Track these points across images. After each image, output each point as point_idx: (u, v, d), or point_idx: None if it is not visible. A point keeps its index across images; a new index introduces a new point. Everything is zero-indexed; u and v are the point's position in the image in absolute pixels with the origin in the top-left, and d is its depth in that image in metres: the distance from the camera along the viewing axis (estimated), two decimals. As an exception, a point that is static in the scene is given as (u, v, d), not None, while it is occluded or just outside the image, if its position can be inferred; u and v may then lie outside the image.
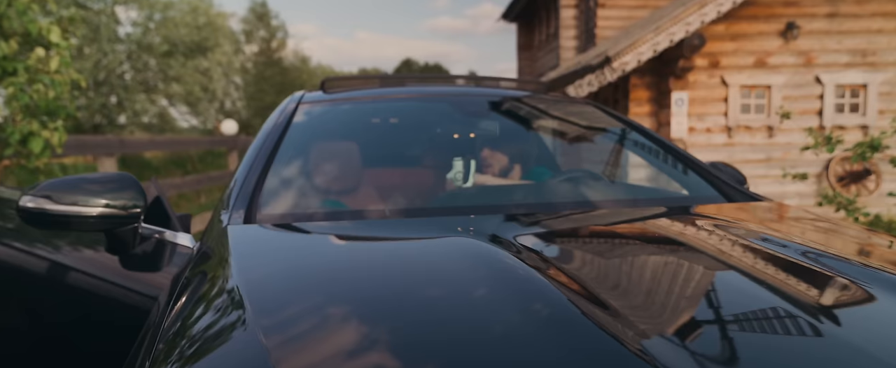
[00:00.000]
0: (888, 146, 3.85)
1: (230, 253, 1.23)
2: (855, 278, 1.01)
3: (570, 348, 0.73)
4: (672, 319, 0.87)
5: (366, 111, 2.22)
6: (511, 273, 0.98)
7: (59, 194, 1.35)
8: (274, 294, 0.98)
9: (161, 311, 1.19)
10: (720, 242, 1.26)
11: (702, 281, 1.06)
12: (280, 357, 0.72)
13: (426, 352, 0.76)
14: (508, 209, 1.59)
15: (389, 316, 0.87)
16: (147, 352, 0.94)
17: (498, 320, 0.83)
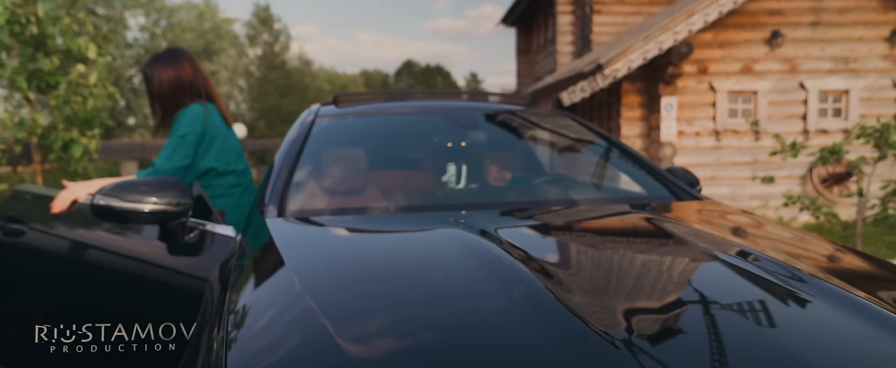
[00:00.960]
0: (848, 151, 4.20)
1: (269, 242, 1.58)
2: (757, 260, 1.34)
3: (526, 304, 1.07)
4: (614, 294, 1.19)
5: (372, 123, 2.59)
6: (488, 254, 1.32)
7: (124, 194, 1.71)
8: (315, 271, 1.34)
9: (218, 290, 1.55)
10: (666, 234, 1.59)
11: (648, 265, 1.40)
12: (332, 317, 1.06)
13: (431, 311, 1.11)
14: (490, 206, 1.95)
15: (400, 290, 1.23)
16: (215, 325, 1.26)
17: (476, 288, 1.17)
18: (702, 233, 1.56)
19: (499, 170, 2.30)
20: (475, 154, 2.40)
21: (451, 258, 1.35)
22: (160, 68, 2.42)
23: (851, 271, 1.42)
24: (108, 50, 9.12)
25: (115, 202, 1.70)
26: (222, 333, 1.13)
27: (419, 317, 1.10)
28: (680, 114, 8.43)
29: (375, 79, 66.85)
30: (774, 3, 8.44)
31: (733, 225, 1.80)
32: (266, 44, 23.71)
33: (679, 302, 1.17)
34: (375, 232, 1.73)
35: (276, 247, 1.52)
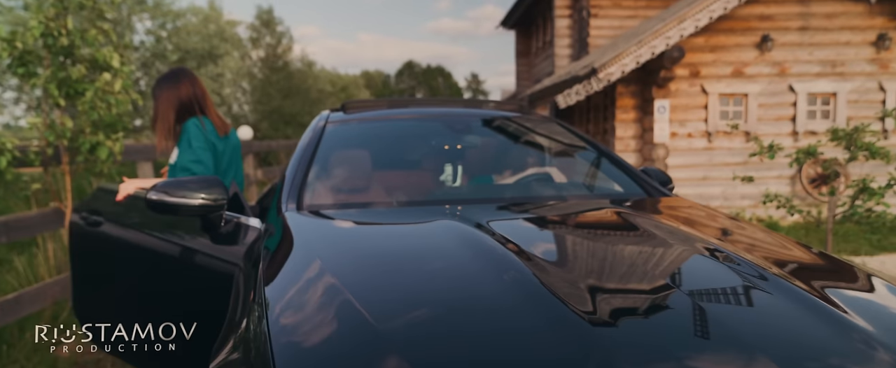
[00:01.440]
0: (822, 153, 4.47)
1: (289, 231, 1.86)
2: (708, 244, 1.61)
3: (505, 278, 1.33)
4: (586, 276, 1.45)
5: (377, 127, 2.87)
6: (477, 241, 1.59)
7: (172, 190, 1.99)
8: (333, 254, 1.61)
9: (249, 271, 1.82)
10: (635, 226, 1.86)
11: (618, 253, 1.67)
12: (349, 288, 1.32)
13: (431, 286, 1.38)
14: (482, 201, 2.23)
15: (404, 269, 1.50)
16: (249, 297, 1.53)
17: (468, 270, 1.43)
18: (665, 225, 1.83)
19: (490, 169, 2.57)
20: (469, 155, 2.68)
21: (446, 242, 1.62)
22: (165, 89, 2.83)
23: (777, 253, 1.69)
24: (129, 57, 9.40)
25: (166, 197, 1.98)
26: (259, 302, 1.41)
27: (422, 292, 1.37)
28: (673, 116, 8.69)
29: (376, 80, 67.06)
30: (764, 8, 8.71)
31: (693, 218, 2.07)
32: (269, 46, 23.95)
33: (639, 282, 1.44)
34: (381, 223, 2.00)
35: (297, 235, 1.80)
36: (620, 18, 12.46)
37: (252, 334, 1.28)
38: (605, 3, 12.45)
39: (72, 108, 3.84)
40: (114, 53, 3.83)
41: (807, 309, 1.23)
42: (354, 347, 1.09)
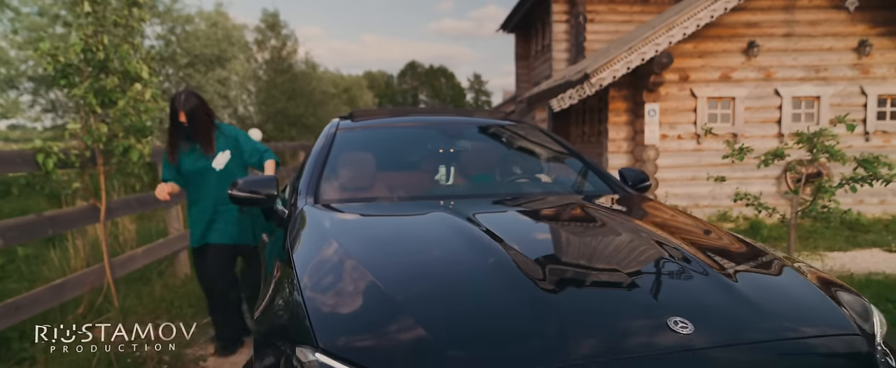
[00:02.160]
0: (790, 154, 4.86)
1: (309, 220, 2.27)
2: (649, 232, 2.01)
3: (487, 261, 1.73)
4: (547, 255, 1.87)
5: (381, 133, 3.29)
6: (465, 230, 1.98)
7: (248, 185, 2.47)
8: (346, 235, 2.03)
9: (280, 247, 2.24)
10: (596, 219, 2.25)
11: (577, 238, 2.08)
12: (361, 259, 1.74)
13: (429, 264, 1.79)
14: (470, 197, 2.64)
15: (404, 249, 1.91)
16: (287, 265, 1.95)
17: (459, 253, 1.83)
18: (619, 218, 2.25)
19: (478, 169, 2.99)
20: (461, 158, 3.09)
21: (439, 230, 2.03)
22: (203, 103, 3.63)
23: (702, 238, 2.10)
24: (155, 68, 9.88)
25: (243, 193, 2.54)
26: (291, 269, 1.82)
27: (418, 265, 1.79)
28: (663, 118, 9.09)
29: (379, 81, 67.37)
30: (750, 15, 9.10)
31: (644, 212, 2.48)
32: (274, 48, 24.38)
33: (588, 262, 1.86)
34: (385, 215, 2.42)
35: (317, 223, 2.22)
36: (616, 23, 12.86)
37: (287, 288, 1.71)
38: (602, 8, 12.86)
39: (102, 115, 4.26)
40: (143, 66, 4.25)
41: (711, 280, 1.63)
42: (365, 296, 1.52)
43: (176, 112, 3.51)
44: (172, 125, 3.58)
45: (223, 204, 3.58)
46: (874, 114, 9.22)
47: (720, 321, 1.43)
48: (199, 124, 3.55)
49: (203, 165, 3.60)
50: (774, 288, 1.66)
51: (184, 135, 3.59)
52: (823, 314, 1.54)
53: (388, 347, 1.34)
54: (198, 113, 3.54)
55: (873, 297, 4.41)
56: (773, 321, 1.46)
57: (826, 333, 1.46)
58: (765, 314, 1.48)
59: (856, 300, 1.66)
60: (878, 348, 1.47)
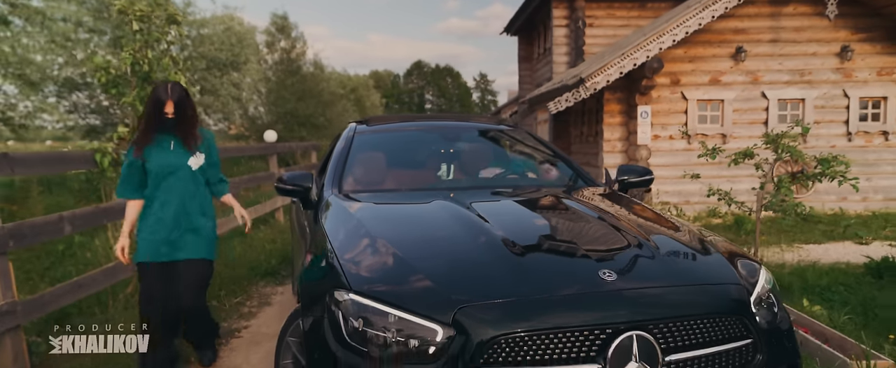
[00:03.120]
0: (757, 154, 5.39)
1: (335, 206, 2.84)
2: (601, 213, 2.57)
3: (474, 234, 2.28)
4: (523, 231, 2.42)
5: (392, 136, 3.86)
6: (462, 215, 2.53)
7: (291, 179, 3.01)
8: (366, 215, 2.60)
9: (314, 223, 2.81)
10: (568, 207, 2.80)
11: (547, 218, 2.64)
12: (378, 233, 2.30)
13: (432, 236, 2.36)
14: (466, 188, 3.20)
15: (416, 230, 2.47)
16: (321, 239, 2.51)
17: (456, 235, 2.37)
18: (584, 205, 2.80)
19: (474, 166, 3.55)
20: (459, 156, 3.65)
21: (441, 214, 2.59)
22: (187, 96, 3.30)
23: (639, 217, 2.64)
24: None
25: (288, 185, 3.05)
26: (324, 238, 2.38)
27: (424, 237, 2.35)
28: (655, 120, 9.61)
29: (386, 80, 67.88)
30: (738, 22, 9.61)
31: (605, 200, 3.02)
32: (283, 50, 24.94)
33: (551, 234, 2.42)
34: (397, 203, 2.98)
35: (342, 207, 2.79)
36: (614, 28, 13.38)
37: (323, 253, 2.28)
38: (600, 13, 13.38)
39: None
40: (181, 76, 4.83)
41: (638, 247, 2.19)
42: (381, 256, 2.10)
43: (161, 102, 3.14)
44: (153, 117, 3.18)
45: (196, 212, 3.29)
46: (856, 115, 9.71)
47: (636, 273, 1.99)
48: (188, 115, 3.24)
49: (176, 162, 3.24)
50: (686, 253, 2.22)
51: (162, 128, 3.20)
52: (717, 270, 2.09)
53: (399, 288, 1.90)
54: (186, 103, 3.23)
55: (831, 281, 4.95)
56: (678, 273, 2.02)
57: (715, 282, 2.02)
58: (673, 268, 2.04)
59: (749, 263, 2.21)
60: (753, 296, 2.03)
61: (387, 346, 1.80)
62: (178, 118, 3.20)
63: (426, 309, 1.81)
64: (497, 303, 1.80)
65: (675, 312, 1.87)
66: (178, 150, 3.26)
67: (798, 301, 4.24)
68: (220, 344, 3.93)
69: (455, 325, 1.76)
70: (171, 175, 3.24)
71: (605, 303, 1.84)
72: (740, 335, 1.93)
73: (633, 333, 1.76)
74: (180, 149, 3.26)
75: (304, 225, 3.25)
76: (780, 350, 2.06)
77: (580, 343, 1.75)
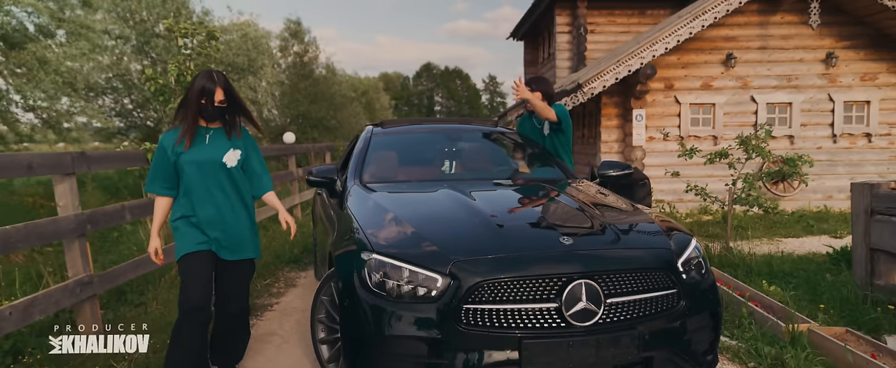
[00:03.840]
0: (731, 153, 5.99)
1: (357, 193, 3.49)
2: (574, 199, 3.21)
3: (468, 213, 2.93)
4: (510, 213, 3.07)
5: (404, 137, 4.51)
6: (462, 200, 3.17)
7: (319, 172, 3.67)
8: (384, 199, 3.25)
9: (339, 206, 3.46)
10: (547, 193, 3.44)
11: (530, 204, 3.28)
12: (396, 212, 2.96)
13: (435, 213, 3.01)
14: (466, 180, 3.84)
15: (424, 209, 3.12)
16: (348, 220, 3.17)
17: (454, 212, 3.02)
18: (563, 194, 3.43)
19: (473, 162, 4.20)
20: (461, 154, 4.30)
21: (444, 200, 3.23)
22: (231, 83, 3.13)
23: (604, 203, 3.28)
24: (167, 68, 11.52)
25: (318, 178, 3.68)
26: (350, 216, 3.04)
27: (430, 215, 2.99)
28: (650, 122, 10.21)
29: (395, 82, 68.59)
30: (728, 30, 10.19)
31: (576, 188, 3.65)
32: (296, 54, 25.68)
33: (530, 215, 3.07)
34: (408, 192, 3.63)
35: (364, 194, 3.44)
36: (614, 34, 13.97)
37: (351, 227, 2.93)
38: (601, 20, 13.99)
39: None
40: (218, 84, 5.51)
41: (594, 221, 2.83)
42: (396, 227, 2.75)
43: (209, 91, 2.93)
44: (199, 107, 2.96)
45: (237, 207, 3.10)
46: (841, 118, 10.27)
47: (588, 239, 2.64)
48: (238, 102, 3.09)
49: (214, 156, 3.03)
50: (630, 226, 2.86)
51: (206, 118, 3.01)
52: (652, 238, 2.73)
53: (409, 250, 2.55)
54: (232, 90, 3.06)
55: (794, 268, 5.53)
56: (621, 239, 2.67)
57: (649, 247, 2.66)
58: (618, 236, 2.68)
59: (682, 236, 2.84)
60: (682, 259, 2.66)
61: (401, 291, 2.45)
62: (229, 105, 3.01)
63: (430, 264, 2.45)
64: (480, 259, 2.45)
65: (615, 266, 2.50)
66: (216, 143, 3.04)
67: (758, 282, 4.85)
68: (256, 316, 4.58)
69: (451, 275, 2.41)
70: (210, 169, 3.01)
71: (561, 260, 2.48)
72: (666, 286, 2.57)
73: (582, 281, 2.40)
74: (218, 142, 3.05)
75: (331, 212, 3.90)
76: (703, 299, 2.69)
77: (542, 287, 2.39)
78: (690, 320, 2.63)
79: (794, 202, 10.17)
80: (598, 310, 2.41)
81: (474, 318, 2.38)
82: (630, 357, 2.46)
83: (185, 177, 3.02)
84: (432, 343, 2.38)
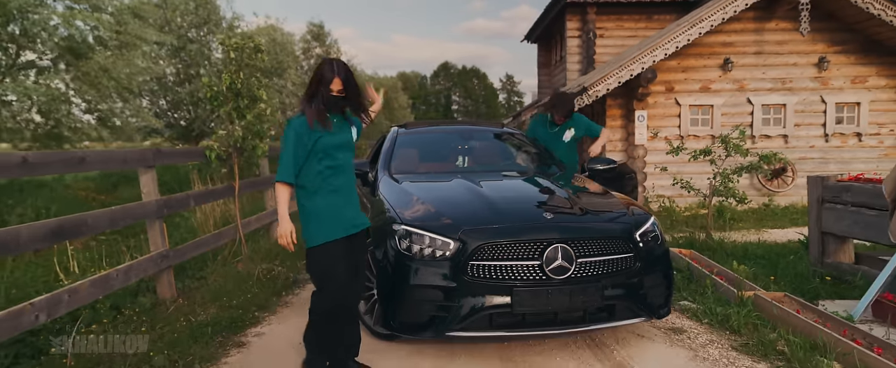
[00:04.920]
0: (712, 151, 6.74)
1: (386, 181, 4.33)
2: (559, 186, 4.03)
3: (475, 196, 3.76)
4: (509, 195, 3.89)
5: (425, 137, 5.35)
6: (472, 187, 4.00)
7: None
8: (411, 186, 4.09)
9: (371, 199, 4.31)
10: (540, 181, 4.26)
11: (527, 189, 4.12)
12: (421, 196, 3.80)
13: (449, 196, 3.85)
14: (476, 172, 4.67)
15: (441, 192, 3.97)
16: (381, 202, 4.01)
17: (464, 195, 3.85)
18: (552, 181, 4.25)
19: (482, 157, 5.03)
20: (472, 151, 5.13)
21: (458, 186, 4.07)
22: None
23: (582, 188, 4.08)
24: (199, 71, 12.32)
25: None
26: (381, 199, 3.88)
27: (447, 197, 3.83)
28: (651, 123, 10.94)
29: (413, 82, 69.41)
30: (726, 37, 10.88)
31: (561, 177, 4.46)
32: (318, 56, 26.63)
33: (525, 197, 3.90)
34: (428, 181, 4.46)
35: (392, 181, 4.28)
36: (622, 38, 14.69)
37: (383, 207, 3.77)
38: (610, 25, 14.70)
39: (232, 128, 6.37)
40: (263, 92, 6.39)
41: (570, 200, 3.66)
42: (420, 205, 3.59)
43: (328, 80, 3.03)
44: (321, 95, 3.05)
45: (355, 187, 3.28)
46: (833, 119, 10.91)
47: (565, 215, 3.46)
48: (357, 91, 3.15)
49: (344, 138, 3.17)
50: (599, 206, 3.68)
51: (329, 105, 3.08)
52: (615, 215, 3.55)
53: (430, 222, 3.39)
54: (352, 80, 3.10)
55: (766, 252, 6.27)
56: (590, 215, 3.48)
57: (613, 221, 3.47)
58: (588, 213, 3.50)
59: (643, 213, 3.64)
60: (639, 231, 3.46)
61: (423, 253, 3.28)
62: (347, 94, 3.07)
63: (445, 232, 3.29)
64: (482, 228, 3.28)
65: (583, 235, 3.31)
66: (341, 126, 3.17)
67: (730, 262, 5.60)
68: (300, 287, 5.45)
69: (460, 240, 3.24)
70: (340, 152, 3.13)
71: (542, 229, 3.30)
72: (625, 251, 3.37)
73: (558, 245, 3.21)
74: (342, 125, 3.17)
75: (364, 199, 4.75)
76: (656, 263, 3.49)
77: (528, 249, 3.21)
78: (646, 279, 3.44)
79: (787, 197, 10.84)
80: (571, 267, 3.22)
81: (477, 272, 3.21)
82: (595, 303, 3.27)
83: (319, 160, 3.07)
84: (446, 290, 3.22)
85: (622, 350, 3.55)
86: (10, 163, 3.21)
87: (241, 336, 4.01)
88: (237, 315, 4.34)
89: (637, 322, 3.50)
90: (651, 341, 3.72)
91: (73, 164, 3.77)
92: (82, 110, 12.77)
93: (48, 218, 3.46)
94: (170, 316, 4.31)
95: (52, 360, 3.40)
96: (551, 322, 3.25)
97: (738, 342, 3.69)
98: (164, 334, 3.90)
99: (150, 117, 14.62)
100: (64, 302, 3.41)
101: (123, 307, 4.43)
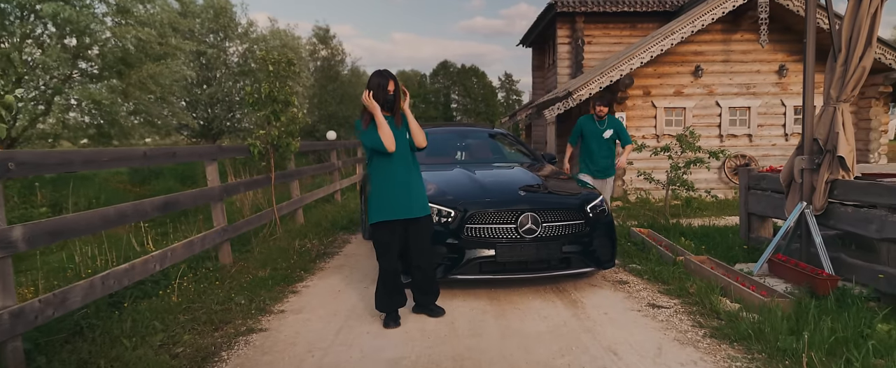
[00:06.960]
0: (670, 148, 8.03)
1: None
2: (535, 174, 5.32)
3: (470, 180, 5.05)
4: (496, 181, 5.18)
5: (431, 136, 6.62)
6: (468, 174, 5.29)
7: None
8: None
9: None
10: (520, 169, 5.55)
11: (510, 175, 5.41)
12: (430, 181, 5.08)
13: (451, 181, 5.14)
14: (472, 163, 5.96)
15: (445, 177, 5.26)
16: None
17: (462, 179, 5.14)
18: (531, 170, 5.54)
19: (477, 152, 6.33)
20: (469, 147, 6.42)
21: (457, 174, 5.36)
22: None
23: (552, 177, 5.38)
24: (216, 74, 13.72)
25: None
26: None
27: (449, 182, 5.12)
28: (630, 123, 12.22)
29: (412, 80, 70.41)
30: (696, 46, 12.17)
31: (538, 167, 5.74)
32: (324, 59, 27.87)
33: (508, 183, 5.20)
34: (436, 170, 5.74)
35: None
36: (608, 45, 15.96)
37: None
38: (597, 32, 15.98)
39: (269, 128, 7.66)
40: (294, 98, 7.68)
41: (540, 184, 4.96)
42: (432, 186, 4.90)
43: (383, 86, 3.78)
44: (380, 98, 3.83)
45: (416, 174, 4.05)
46: (792, 120, 12.20)
47: (534, 193, 4.77)
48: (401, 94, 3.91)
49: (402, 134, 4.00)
50: (560, 186, 4.98)
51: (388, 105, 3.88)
52: (573, 193, 4.86)
53: (438, 197, 4.69)
54: (398, 85, 3.89)
55: (716, 232, 7.54)
56: (553, 193, 4.79)
57: (569, 197, 4.78)
58: (552, 191, 4.81)
59: (592, 192, 4.94)
60: (590, 205, 4.76)
61: (434, 220, 4.57)
62: (395, 96, 3.76)
63: (449, 205, 4.58)
64: (475, 201, 4.59)
65: (547, 206, 4.61)
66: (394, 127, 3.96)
67: (678, 238, 6.88)
68: (330, 257, 6.73)
69: (460, 210, 4.53)
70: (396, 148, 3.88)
71: (517, 202, 4.59)
72: (578, 219, 4.67)
73: (529, 213, 4.50)
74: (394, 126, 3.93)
75: None
76: (602, 229, 4.79)
77: (507, 216, 4.51)
78: (594, 240, 4.73)
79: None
80: (538, 229, 4.51)
81: (471, 232, 4.50)
82: (556, 256, 4.56)
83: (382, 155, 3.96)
84: (450, 246, 4.51)
85: (576, 293, 4.84)
86: (135, 155, 4.49)
87: (293, 286, 5.29)
88: (287, 273, 5.62)
89: (588, 271, 4.80)
90: (600, 288, 5.02)
91: (170, 157, 5.05)
92: (127, 112, 14.12)
93: (99, 207, 4.70)
94: (234, 275, 5.58)
95: (162, 298, 4.67)
96: (524, 269, 4.54)
97: (664, 288, 4.99)
98: (234, 286, 5.18)
99: (188, 117, 15.91)
100: (169, 257, 4.69)
101: (197, 269, 5.70)
